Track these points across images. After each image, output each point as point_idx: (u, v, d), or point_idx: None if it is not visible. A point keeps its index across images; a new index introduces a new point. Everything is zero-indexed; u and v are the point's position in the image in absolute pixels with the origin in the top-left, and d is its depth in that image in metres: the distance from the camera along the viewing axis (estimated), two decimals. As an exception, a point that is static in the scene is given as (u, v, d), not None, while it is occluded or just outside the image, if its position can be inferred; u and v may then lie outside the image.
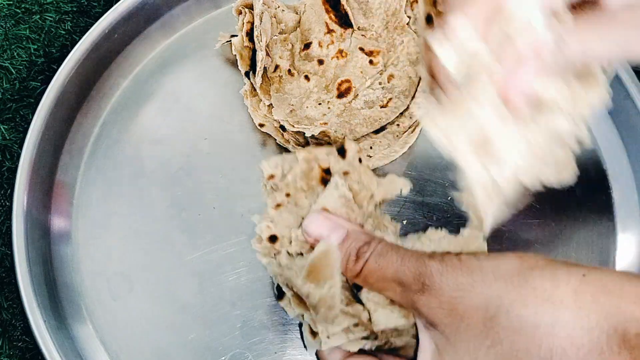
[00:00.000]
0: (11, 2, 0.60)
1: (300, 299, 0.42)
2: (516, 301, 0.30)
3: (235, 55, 0.55)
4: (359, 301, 0.41)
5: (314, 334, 0.41)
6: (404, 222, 0.53)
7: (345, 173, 0.45)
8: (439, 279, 0.33)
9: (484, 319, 0.31)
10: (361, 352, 0.39)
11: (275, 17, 0.56)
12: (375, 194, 0.46)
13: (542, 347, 0.29)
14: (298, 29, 0.57)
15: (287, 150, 0.55)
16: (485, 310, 0.31)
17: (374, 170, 0.52)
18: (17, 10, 0.60)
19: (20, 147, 0.53)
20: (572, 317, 0.29)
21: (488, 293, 0.31)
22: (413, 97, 0.55)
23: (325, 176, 0.45)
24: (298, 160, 0.46)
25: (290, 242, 0.45)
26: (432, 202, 0.54)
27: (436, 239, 0.41)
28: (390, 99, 0.54)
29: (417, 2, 0.56)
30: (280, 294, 0.46)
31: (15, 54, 0.59)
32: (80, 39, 0.55)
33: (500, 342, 0.30)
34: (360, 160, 0.47)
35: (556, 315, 0.29)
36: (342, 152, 0.46)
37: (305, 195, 0.46)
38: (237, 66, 0.55)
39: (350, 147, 0.46)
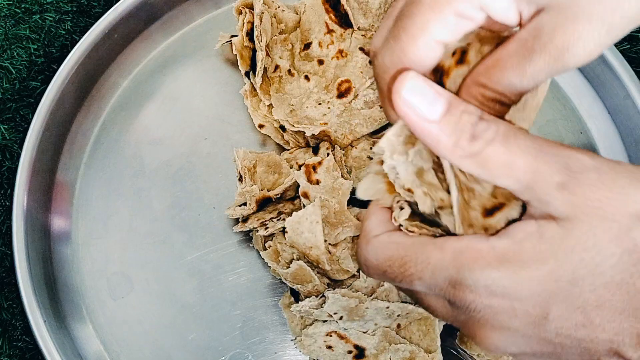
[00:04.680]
0: (11, 2, 0.59)
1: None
2: None
3: (235, 55, 0.55)
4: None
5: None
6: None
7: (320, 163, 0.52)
8: (592, 175, 0.29)
9: (630, 225, 0.28)
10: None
11: (275, 17, 0.56)
12: None
13: None
14: (298, 29, 0.57)
15: (284, 149, 0.55)
16: (637, 218, 0.28)
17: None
18: (17, 10, 0.60)
19: (20, 147, 0.53)
20: None
21: None
22: (413, 97, 0.55)
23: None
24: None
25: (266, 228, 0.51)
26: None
27: None
28: (390, 99, 0.54)
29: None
30: (293, 293, 0.52)
31: (15, 54, 0.59)
32: (80, 39, 0.55)
33: (635, 254, 0.28)
34: (327, 155, 0.52)
35: None
36: (315, 150, 0.54)
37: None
38: (237, 66, 0.55)
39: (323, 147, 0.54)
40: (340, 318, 0.48)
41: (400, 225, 0.33)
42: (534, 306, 0.29)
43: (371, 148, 0.54)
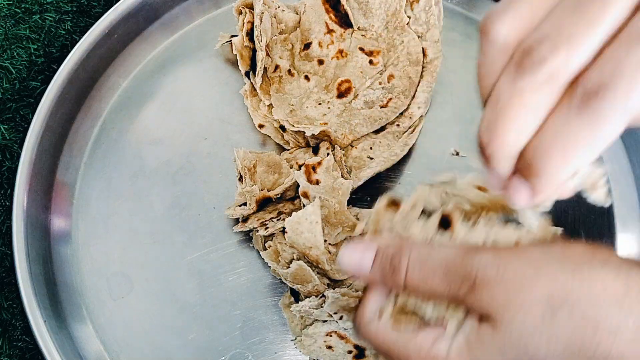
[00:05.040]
0: (11, 2, 0.59)
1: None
2: (583, 299, 0.29)
3: (235, 55, 0.55)
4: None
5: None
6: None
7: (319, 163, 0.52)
8: (494, 271, 0.30)
9: (543, 313, 0.29)
10: None
11: (275, 17, 0.56)
12: None
13: (599, 349, 0.28)
14: (298, 29, 0.57)
15: (284, 149, 0.55)
16: (548, 304, 0.29)
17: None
18: (17, 10, 0.60)
19: (20, 147, 0.53)
20: None
21: (553, 285, 0.29)
22: (413, 97, 0.55)
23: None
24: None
25: (266, 228, 0.51)
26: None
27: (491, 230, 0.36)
28: (390, 99, 0.54)
29: (417, 1, 0.56)
30: (293, 293, 0.52)
31: (15, 54, 0.59)
32: (80, 39, 0.55)
33: (558, 339, 0.29)
34: (327, 154, 0.53)
35: (623, 319, 0.28)
36: (315, 150, 0.54)
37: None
38: (237, 66, 0.55)
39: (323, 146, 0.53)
40: (340, 318, 0.48)
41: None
42: None
43: (371, 148, 0.54)
